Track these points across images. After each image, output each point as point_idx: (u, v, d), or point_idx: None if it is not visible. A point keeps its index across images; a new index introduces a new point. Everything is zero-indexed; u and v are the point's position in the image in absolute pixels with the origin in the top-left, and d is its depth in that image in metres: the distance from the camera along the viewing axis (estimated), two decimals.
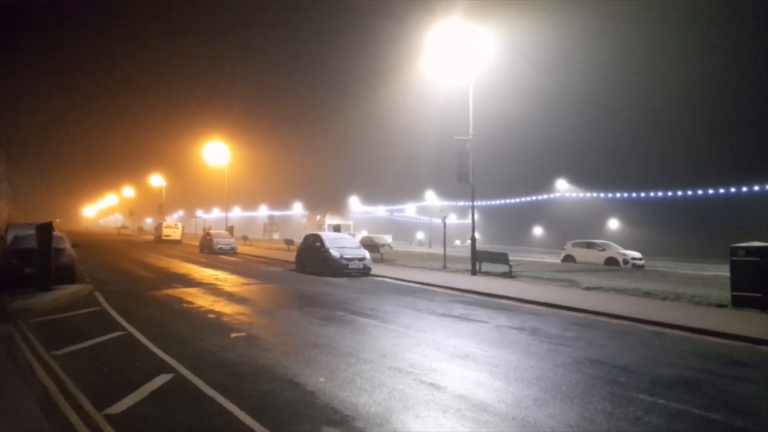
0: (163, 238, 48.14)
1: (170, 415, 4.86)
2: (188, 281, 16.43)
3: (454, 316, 10.65)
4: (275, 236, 73.00)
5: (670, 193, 42.66)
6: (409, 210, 74.58)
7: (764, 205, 37.04)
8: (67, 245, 14.86)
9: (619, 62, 48.36)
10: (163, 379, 5.84)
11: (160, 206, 71.31)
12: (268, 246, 43.85)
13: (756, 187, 36.65)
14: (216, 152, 52.02)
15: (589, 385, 6.00)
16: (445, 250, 24.41)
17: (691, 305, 12.19)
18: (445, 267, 21.98)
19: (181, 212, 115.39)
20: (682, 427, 4.76)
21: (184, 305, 11.50)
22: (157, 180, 75.60)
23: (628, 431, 4.61)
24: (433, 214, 52.58)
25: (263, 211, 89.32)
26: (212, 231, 38.47)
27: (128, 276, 18.03)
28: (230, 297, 12.87)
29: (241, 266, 23.36)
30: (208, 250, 32.92)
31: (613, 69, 48.23)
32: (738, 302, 11.56)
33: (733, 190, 38.13)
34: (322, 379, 5.91)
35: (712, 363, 7.25)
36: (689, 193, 41.08)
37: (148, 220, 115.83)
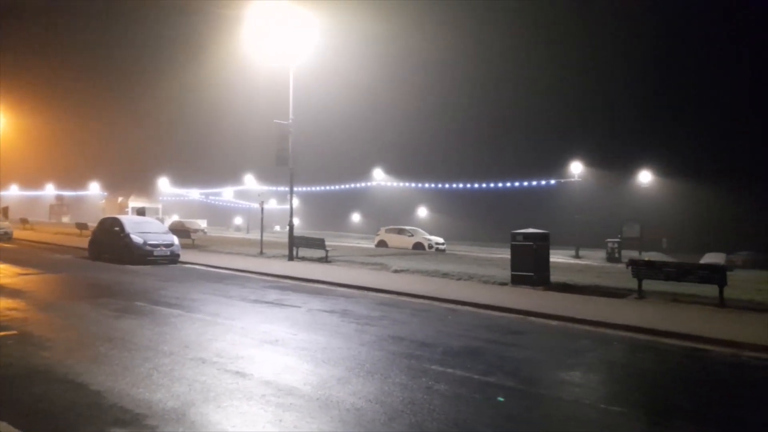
0: None
1: None
2: None
3: (267, 302, 10.51)
4: (65, 220, 63.77)
5: (468, 185, 48.00)
6: (226, 194, 71.23)
7: (545, 195, 44.06)
8: None
9: (434, 64, 52.40)
10: None
11: None
12: (55, 231, 38.10)
13: (534, 183, 43.26)
14: None
15: (389, 360, 6.41)
16: (261, 236, 23.99)
17: (480, 284, 13.84)
18: (261, 253, 21.57)
19: None
20: (463, 391, 5.37)
21: None
22: None
23: (420, 400, 5.04)
24: (252, 199, 51.10)
25: (50, 191, 77.42)
26: None
27: None
28: None
29: (18, 254, 19.94)
30: None
31: (427, 70, 52.08)
32: (516, 280, 13.46)
33: (516, 184, 44.49)
34: (111, 377, 5.33)
35: (493, 333, 8.32)
36: (483, 185, 46.72)
37: None
